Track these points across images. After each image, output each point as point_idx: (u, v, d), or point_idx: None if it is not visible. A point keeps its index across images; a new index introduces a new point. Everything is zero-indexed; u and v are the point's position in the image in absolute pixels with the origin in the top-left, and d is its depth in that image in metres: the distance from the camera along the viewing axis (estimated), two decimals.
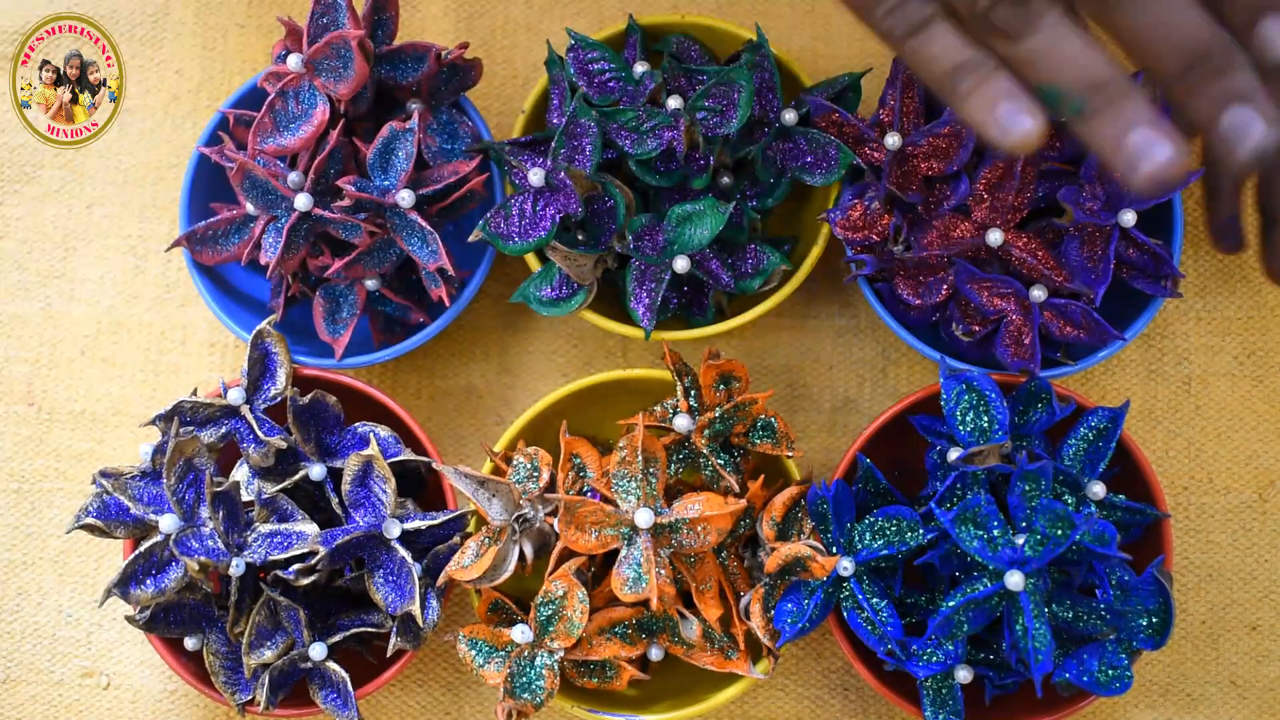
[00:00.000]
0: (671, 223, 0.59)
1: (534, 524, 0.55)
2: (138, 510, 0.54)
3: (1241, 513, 0.64)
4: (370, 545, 0.55)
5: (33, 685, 0.65)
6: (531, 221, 0.58)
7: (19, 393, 0.68)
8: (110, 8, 0.70)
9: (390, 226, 0.59)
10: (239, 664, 0.57)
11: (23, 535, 0.66)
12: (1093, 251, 0.58)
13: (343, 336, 0.61)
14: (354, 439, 0.58)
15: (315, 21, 0.58)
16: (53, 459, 0.67)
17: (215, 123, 0.63)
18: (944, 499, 0.55)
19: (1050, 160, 0.60)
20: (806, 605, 0.55)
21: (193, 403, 0.56)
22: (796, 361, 0.67)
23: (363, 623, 0.56)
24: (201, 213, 0.63)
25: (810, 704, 0.63)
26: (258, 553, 0.54)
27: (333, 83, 0.58)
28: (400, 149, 0.59)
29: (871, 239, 0.59)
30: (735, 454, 0.58)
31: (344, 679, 0.55)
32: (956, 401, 0.55)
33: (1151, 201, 0.58)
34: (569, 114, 0.58)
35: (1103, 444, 0.56)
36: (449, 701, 0.64)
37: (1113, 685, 0.52)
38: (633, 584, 0.52)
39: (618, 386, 0.60)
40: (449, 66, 0.61)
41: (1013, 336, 0.58)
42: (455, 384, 0.67)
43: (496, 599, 0.56)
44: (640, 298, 0.59)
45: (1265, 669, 0.63)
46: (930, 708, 0.55)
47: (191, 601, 0.56)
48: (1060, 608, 0.54)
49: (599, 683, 0.56)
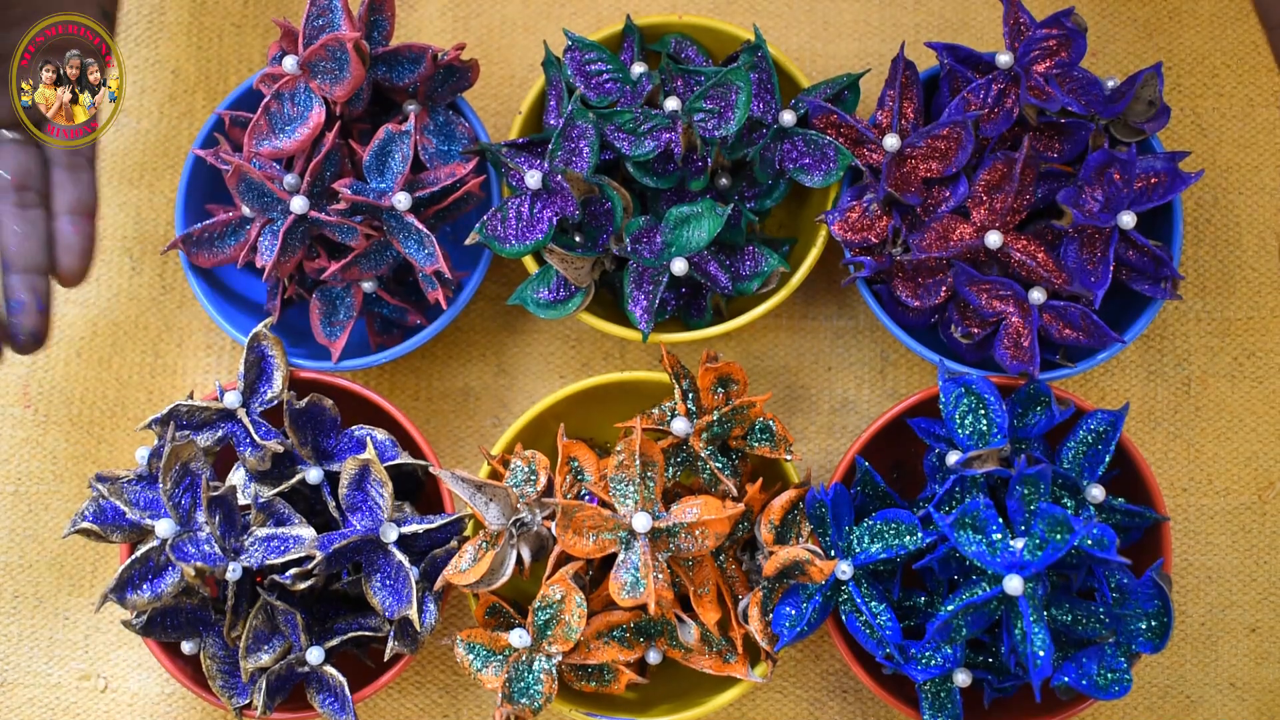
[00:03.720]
0: (669, 225, 0.58)
1: (531, 528, 0.55)
2: (134, 515, 0.54)
3: (1241, 514, 0.64)
4: (367, 549, 0.55)
5: (30, 688, 0.65)
6: (529, 224, 0.58)
7: (15, 394, 0.68)
8: None
9: (387, 229, 0.59)
10: (236, 668, 0.56)
11: (20, 537, 0.66)
12: (1092, 253, 0.58)
13: (340, 339, 0.61)
14: (351, 442, 0.58)
15: (311, 23, 0.58)
16: (49, 461, 0.67)
17: (211, 124, 0.63)
18: (943, 503, 0.55)
19: (1049, 162, 0.59)
20: (805, 609, 0.55)
21: (189, 406, 0.56)
22: (795, 363, 0.66)
23: (360, 626, 0.56)
24: (198, 214, 0.63)
25: (809, 707, 0.63)
26: (254, 557, 0.53)
27: (329, 85, 0.58)
28: (397, 151, 0.59)
29: (870, 240, 0.59)
30: (733, 457, 0.58)
31: (341, 683, 0.55)
32: (955, 405, 0.55)
33: (1150, 204, 0.57)
34: (566, 116, 0.58)
35: (1102, 447, 0.56)
36: (446, 704, 0.64)
37: (1112, 689, 0.52)
38: (630, 588, 0.52)
39: (615, 389, 0.60)
40: (445, 68, 0.61)
41: (1012, 339, 0.58)
42: (452, 386, 0.67)
43: (494, 602, 0.56)
44: (638, 300, 0.58)
45: (1265, 670, 0.63)
46: (929, 711, 0.55)
47: (188, 606, 0.56)
48: (1059, 611, 0.54)
49: (597, 686, 0.56)
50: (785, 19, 0.69)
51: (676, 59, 0.63)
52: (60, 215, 0.57)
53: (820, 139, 0.59)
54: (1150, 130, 0.59)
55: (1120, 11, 0.69)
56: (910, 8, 0.69)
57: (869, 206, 0.59)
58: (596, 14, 0.70)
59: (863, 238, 0.59)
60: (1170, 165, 0.58)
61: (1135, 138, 0.59)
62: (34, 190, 0.57)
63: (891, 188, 0.58)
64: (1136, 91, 0.58)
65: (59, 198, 0.57)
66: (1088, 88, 0.58)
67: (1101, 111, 0.58)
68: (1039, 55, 0.58)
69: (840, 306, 0.67)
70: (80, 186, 0.57)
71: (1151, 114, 0.59)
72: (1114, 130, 0.59)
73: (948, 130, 0.58)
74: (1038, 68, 0.58)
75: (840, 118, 0.59)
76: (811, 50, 0.69)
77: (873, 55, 0.68)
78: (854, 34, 0.69)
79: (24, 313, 0.56)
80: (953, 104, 0.58)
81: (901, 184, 0.58)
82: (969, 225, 0.58)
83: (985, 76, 0.58)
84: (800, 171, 0.60)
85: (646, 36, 0.64)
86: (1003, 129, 0.58)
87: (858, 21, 0.69)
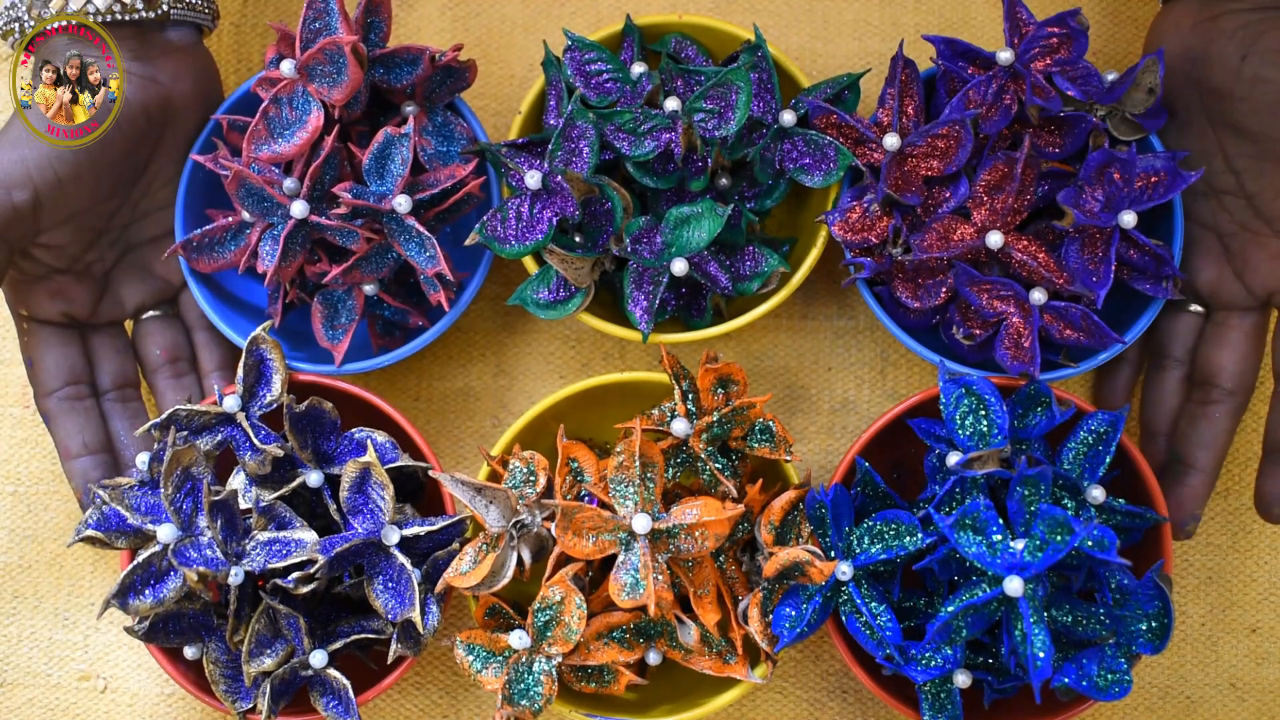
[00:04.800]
0: (669, 225, 0.58)
1: (531, 529, 0.55)
2: (135, 520, 0.54)
3: (1241, 515, 0.64)
4: (369, 552, 0.55)
5: (30, 689, 0.65)
6: (528, 224, 0.58)
7: (15, 395, 0.68)
8: None
9: (388, 232, 0.59)
10: (239, 672, 0.56)
11: (19, 538, 0.66)
12: (1093, 253, 0.58)
13: (342, 342, 0.61)
14: (351, 445, 0.58)
15: (308, 26, 0.58)
16: (49, 461, 0.67)
17: (209, 129, 0.63)
18: (943, 504, 0.55)
19: (1049, 158, 0.59)
20: (805, 610, 0.55)
21: (188, 410, 0.56)
22: (795, 363, 0.66)
23: (363, 629, 0.56)
24: (197, 219, 0.63)
25: (809, 708, 0.63)
26: (256, 561, 0.53)
27: (326, 88, 0.58)
28: (396, 154, 0.58)
29: (870, 241, 0.59)
30: (733, 458, 0.58)
31: (345, 686, 0.55)
32: (956, 406, 0.55)
33: (1150, 203, 0.57)
34: (566, 116, 0.57)
35: (1102, 448, 0.56)
36: (447, 705, 0.64)
37: (1112, 690, 0.52)
38: (630, 590, 0.52)
39: (615, 389, 0.60)
40: (443, 69, 0.61)
41: (1013, 339, 0.58)
42: (452, 386, 0.67)
43: (494, 604, 0.56)
44: (638, 300, 0.58)
45: (1265, 671, 0.63)
46: (929, 712, 0.55)
47: (190, 611, 0.56)
48: (1059, 612, 0.54)
49: (597, 687, 0.56)
50: (785, 18, 0.69)
51: (676, 59, 0.63)
52: (209, 375, 0.64)
53: (820, 139, 0.59)
54: (1149, 127, 0.59)
55: (1121, 11, 0.69)
56: (910, 7, 0.69)
57: (869, 207, 0.59)
58: (596, 14, 0.69)
59: (863, 238, 0.59)
60: (1170, 164, 0.58)
61: (1135, 135, 0.59)
62: (184, 359, 0.64)
63: (892, 188, 0.58)
64: (1137, 78, 0.58)
65: (205, 359, 0.64)
66: (1088, 78, 0.58)
67: (1101, 99, 0.58)
68: (1039, 53, 0.58)
69: (840, 307, 0.67)
70: (222, 347, 0.64)
71: (1151, 102, 0.59)
72: (1113, 128, 0.59)
73: (947, 128, 0.58)
74: (1037, 64, 0.58)
75: (840, 117, 0.59)
76: (812, 50, 0.69)
77: (873, 55, 0.68)
78: (854, 33, 0.69)
79: None
80: (953, 102, 0.58)
81: (902, 184, 0.58)
82: (970, 225, 0.58)
83: (985, 74, 0.58)
84: (800, 171, 0.60)
85: (646, 36, 0.64)
86: (1002, 126, 0.58)
87: (858, 21, 0.69)
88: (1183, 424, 0.60)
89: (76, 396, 0.62)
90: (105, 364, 0.63)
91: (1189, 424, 0.60)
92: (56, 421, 0.62)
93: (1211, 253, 0.60)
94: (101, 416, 0.63)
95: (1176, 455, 0.60)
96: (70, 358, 0.62)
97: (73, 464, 0.61)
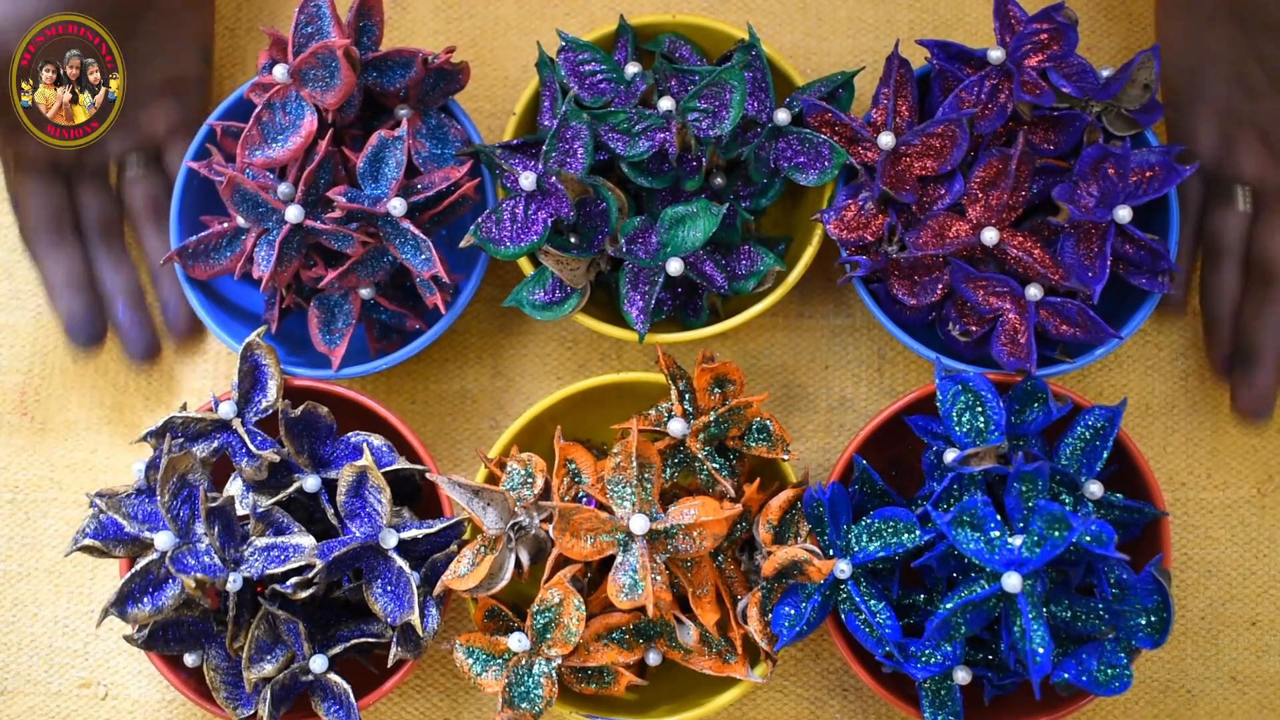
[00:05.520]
0: (664, 225, 0.58)
1: (529, 531, 0.55)
2: (133, 528, 0.54)
3: (1240, 508, 0.64)
4: (367, 556, 0.55)
5: (30, 696, 0.65)
6: (523, 226, 0.58)
7: (12, 402, 0.68)
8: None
9: (383, 235, 0.59)
10: (240, 679, 0.56)
11: (18, 545, 0.66)
12: (1089, 249, 0.58)
13: (339, 346, 0.61)
14: (348, 449, 0.58)
15: (300, 31, 0.58)
16: (47, 468, 0.67)
17: (203, 135, 0.63)
18: (941, 500, 0.55)
19: (1044, 155, 0.59)
20: (804, 608, 0.55)
21: (184, 418, 0.56)
22: (792, 362, 0.66)
23: (363, 633, 0.56)
24: (192, 225, 0.63)
25: (809, 706, 0.63)
26: (255, 567, 0.53)
27: (320, 92, 0.57)
28: (390, 157, 0.58)
29: (866, 239, 0.59)
30: (731, 457, 0.58)
31: (346, 690, 0.55)
32: (952, 402, 0.55)
33: (1146, 198, 0.57)
34: (560, 116, 0.57)
35: (1100, 443, 0.56)
36: (448, 708, 0.64)
37: (1112, 684, 0.52)
38: (629, 590, 0.52)
39: (612, 390, 0.60)
40: (436, 71, 0.61)
41: (1009, 335, 0.58)
42: (449, 389, 0.67)
43: (493, 606, 0.56)
44: (634, 300, 0.58)
45: (1265, 664, 0.63)
46: (929, 709, 0.55)
47: (190, 618, 0.56)
48: (1058, 608, 0.54)
49: (597, 688, 0.56)
50: (779, 17, 0.69)
51: (670, 58, 0.63)
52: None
53: (815, 137, 0.59)
54: (1144, 123, 0.59)
55: (1113, 6, 0.69)
56: (904, 5, 0.69)
57: (864, 205, 0.59)
58: (590, 14, 0.69)
59: (858, 236, 0.59)
60: (1165, 158, 0.58)
61: (1130, 131, 0.59)
62: (168, 210, 0.64)
63: (887, 186, 0.58)
64: (1132, 74, 0.58)
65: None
66: (1083, 74, 0.58)
67: (1096, 95, 0.58)
68: (1030, 49, 0.58)
69: (837, 305, 0.67)
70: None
71: (1146, 98, 0.59)
72: (1108, 123, 0.59)
73: (942, 128, 0.58)
74: (1029, 62, 0.58)
75: (835, 116, 0.59)
76: (806, 48, 0.69)
77: (867, 53, 0.68)
78: (848, 31, 0.69)
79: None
80: (946, 101, 0.58)
81: (897, 182, 0.58)
82: (965, 222, 0.58)
83: (978, 73, 0.58)
84: (795, 170, 0.60)
85: (640, 36, 0.63)
86: (997, 125, 0.58)
87: (852, 19, 0.69)
88: (1246, 316, 0.61)
89: (60, 233, 0.64)
90: (89, 207, 0.65)
91: (1253, 315, 0.61)
92: (42, 256, 0.64)
93: (1253, 147, 0.61)
94: (87, 257, 0.65)
95: (1245, 344, 0.61)
96: (55, 197, 0.65)
97: (59, 298, 0.64)
